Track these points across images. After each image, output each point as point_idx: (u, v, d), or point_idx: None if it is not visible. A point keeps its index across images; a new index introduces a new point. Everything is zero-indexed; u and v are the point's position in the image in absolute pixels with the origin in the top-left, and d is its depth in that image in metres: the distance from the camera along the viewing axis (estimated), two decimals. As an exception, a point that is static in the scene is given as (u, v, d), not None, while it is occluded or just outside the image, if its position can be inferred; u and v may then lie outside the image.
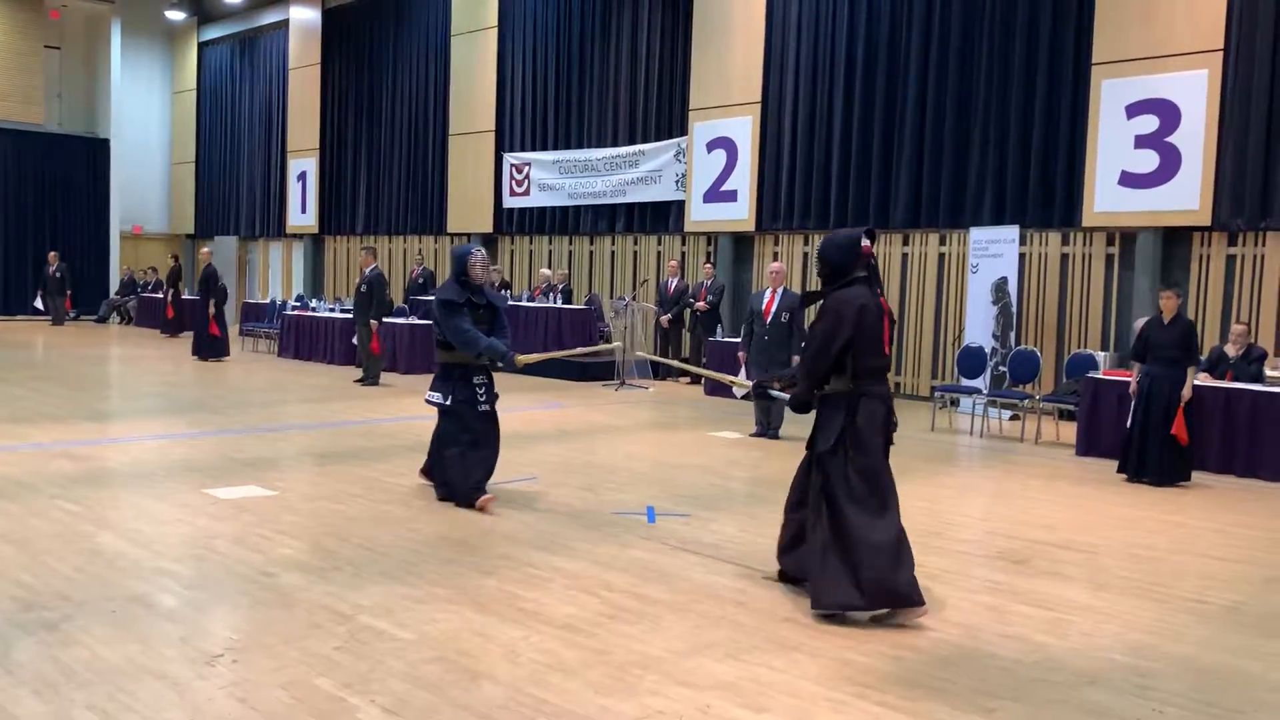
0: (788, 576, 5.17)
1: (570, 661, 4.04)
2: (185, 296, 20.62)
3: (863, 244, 4.90)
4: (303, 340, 16.97)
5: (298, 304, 19.24)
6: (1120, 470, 8.55)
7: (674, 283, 15.39)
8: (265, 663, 3.93)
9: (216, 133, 27.21)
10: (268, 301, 21.11)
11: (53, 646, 4.03)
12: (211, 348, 16.06)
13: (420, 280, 18.57)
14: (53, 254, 23.05)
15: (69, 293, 23.21)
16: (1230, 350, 9.66)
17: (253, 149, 25.97)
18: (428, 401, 6.92)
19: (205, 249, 18.13)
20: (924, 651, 4.30)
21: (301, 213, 24.03)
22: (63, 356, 16.61)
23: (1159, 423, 8.29)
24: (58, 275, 22.76)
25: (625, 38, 17.34)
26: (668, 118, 16.75)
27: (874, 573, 4.59)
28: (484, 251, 6.95)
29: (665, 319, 15.29)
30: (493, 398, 6.93)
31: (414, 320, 15.98)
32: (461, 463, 6.69)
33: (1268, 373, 9.60)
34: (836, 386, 4.88)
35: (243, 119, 26.32)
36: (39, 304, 23.16)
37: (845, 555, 4.66)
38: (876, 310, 4.83)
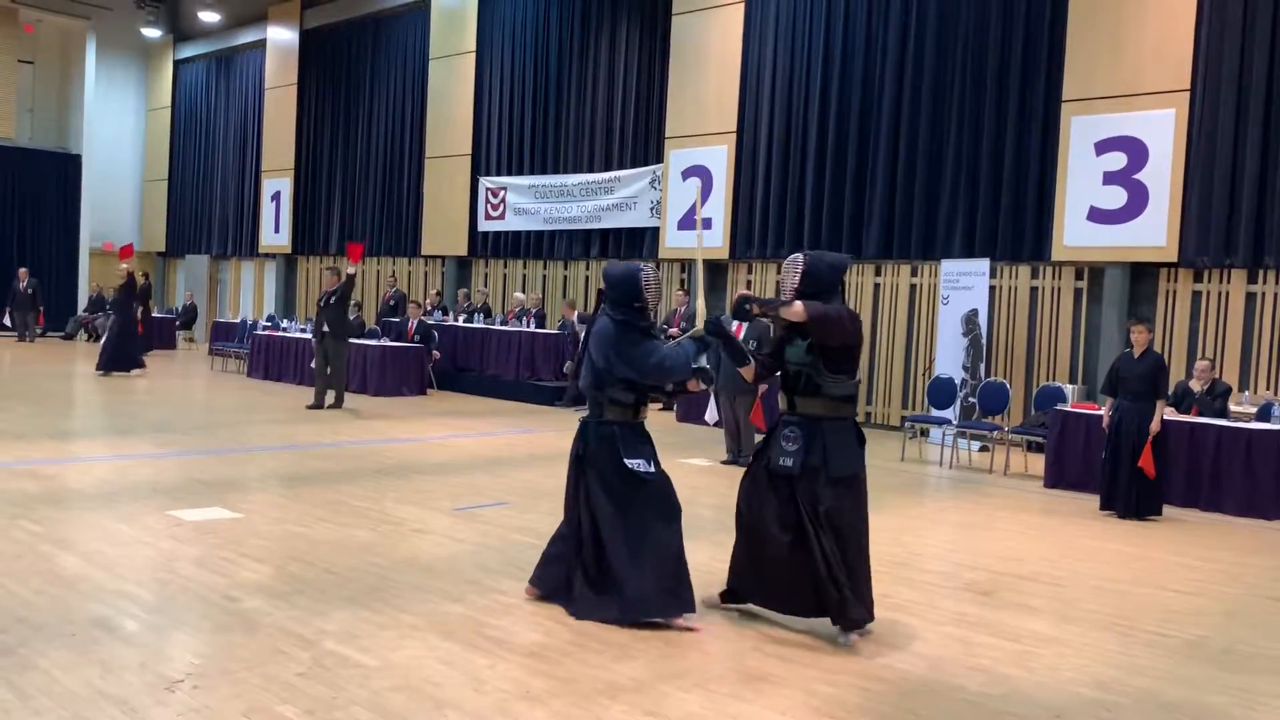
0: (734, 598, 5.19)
1: (537, 690, 4.01)
2: (154, 315, 20.52)
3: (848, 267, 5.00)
4: (272, 360, 16.84)
5: (268, 324, 19.11)
6: (1103, 507, 8.57)
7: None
8: (226, 689, 3.87)
9: (190, 151, 27.07)
10: (238, 321, 20.95)
11: (9, 671, 3.95)
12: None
13: (392, 302, 18.50)
14: (22, 270, 22.74)
15: (41, 309, 22.93)
16: (1195, 386, 9.77)
17: (226, 168, 25.84)
18: (635, 472, 4.98)
19: (122, 266, 17.48)
20: (891, 683, 4.30)
21: (275, 233, 23.91)
22: (28, 373, 16.39)
23: (1128, 456, 8.36)
24: (28, 291, 22.46)
25: (603, 65, 17.44)
26: (644, 145, 16.83)
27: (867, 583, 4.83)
28: (650, 269, 5.22)
29: None
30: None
31: (385, 342, 15.92)
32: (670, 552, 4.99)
33: (1232, 408, 9.72)
34: (844, 413, 4.95)
35: (217, 137, 26.20)
36: (7, 320, 22.83)
37: (856, 574, 4.79)
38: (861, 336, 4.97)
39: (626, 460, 4.97)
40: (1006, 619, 5.32)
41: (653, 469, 5.04)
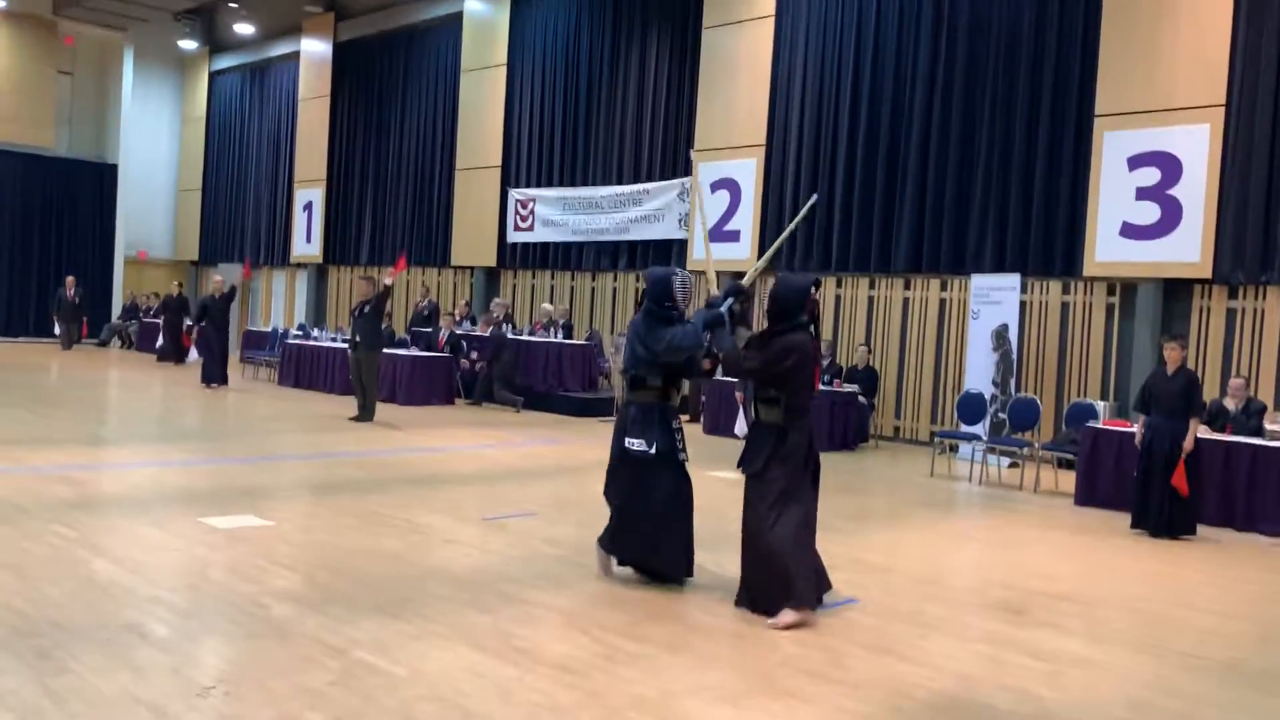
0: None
1: (564, 703, 4.01)
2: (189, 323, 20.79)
3: (811, 292, 5.45)
4: (303, 369, 16.98)
5: (299, 333, 19.27)
6: (1134, 525, 8.48)
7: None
8: (256, 696, 3.90)
9: (224, 161, 27.39)
10: (269, 330, 21.14)
11: (44, 674, 4.00)
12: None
13: (425, 313, 18.62)
14: (70, 279, 23.03)
15: (84, 318, 23.26)
16: (1229, 404, 9.66)
17: (259, 178, 26.12)
18: (630, 451, 5.77)
19: (217, 277, 17.92)
20: (921, 701, 4.27)
21: (306, 242, 24.13)
22: (64, 380, 16.62)
23: (1160, 474, 8.27)
24: (75, 300, 22.77)
25: (632, 78, 17.50)
26: (672, 158, 16.86)
27: (783, 575, 5.22)
28: (686, 275, 5.88)
29: None
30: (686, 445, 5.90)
31: (415, 351, 16.01)
32: (679, 524, 5.79)
33: (1267, 427, 9.59)
34: (769, 418, 5.48)
35: (251, 148, 26.50)
36: (56, 329, 23.16)
37: (762, 563, 5.32)
38: (808, 354, 5.43)
39: (627, 440, 5.78)
40: (1038, 638, 5.27)
41: (651, 449, 5.69)
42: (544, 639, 4.76)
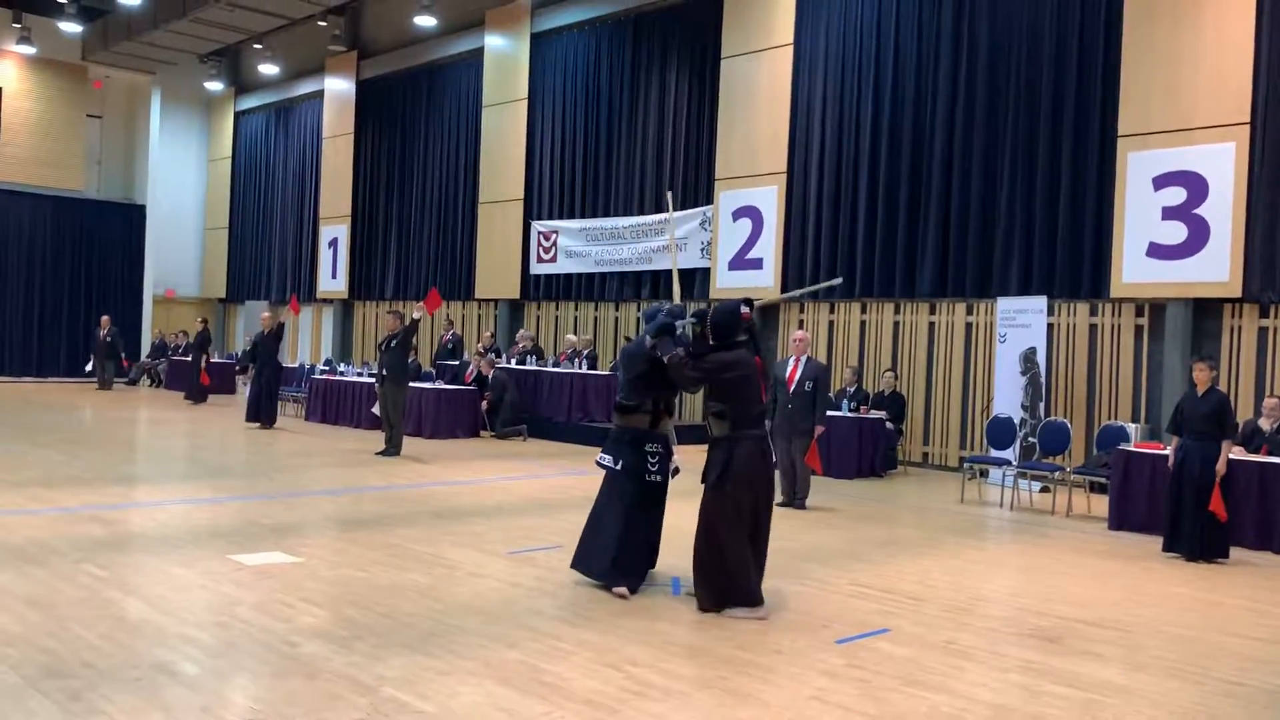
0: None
1: (594, 739, 3.97)
2: (214, 360, 20.97)
3: (742, 311, 6.04)
4: (329, 404, 17.07)
5: (325, 368, 19.39)
6: (1166, 549, 8.36)
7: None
8: (286, 735, 3.89)
9: (250, 199, 27.72)
10: (296, 365, 21.29)
11: (76, 715, 4.01)
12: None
13: (450, 345, 18.70)
14: (105, 318, 23.32)
15: (123, 355, 23.50)
16: (1264, 424, 9.52)
17: (285, 215, 26.40)
18: (599, 463, 6.54)
19: (265, 314, 17.70)
20: (956, 733, 4.20)
21: (332, 278, 24.33)
22: (93, 420, 16.78)
23: (1191, 497, 8.15)
24: (108, 340, 23.02)
25: (652, 108, 17.60)
26: (694, 187, 16.92)
27: (735, 583, 5.81)
28: (675, 306, 6.54)
29: None
30: (666, 469, 6.42)
31: (441, 385, 16.07)
32: (621, 536, 6.28)
33: (1303, 447, 9.44)
34: (719, 431, 5.97)
35: (276, 186, 26.81)
36: (90, 368, 23.42)
37: (718, 568, 5.83)
38: (750, 368, 5.98)
39: (600, 456, 6.50)
40: (1074, 666, 5.18)
41: (617, 464, 6.32)
42: (573, 674, 4.73)
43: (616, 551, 6.25)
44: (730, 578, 5.83)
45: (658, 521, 6.52)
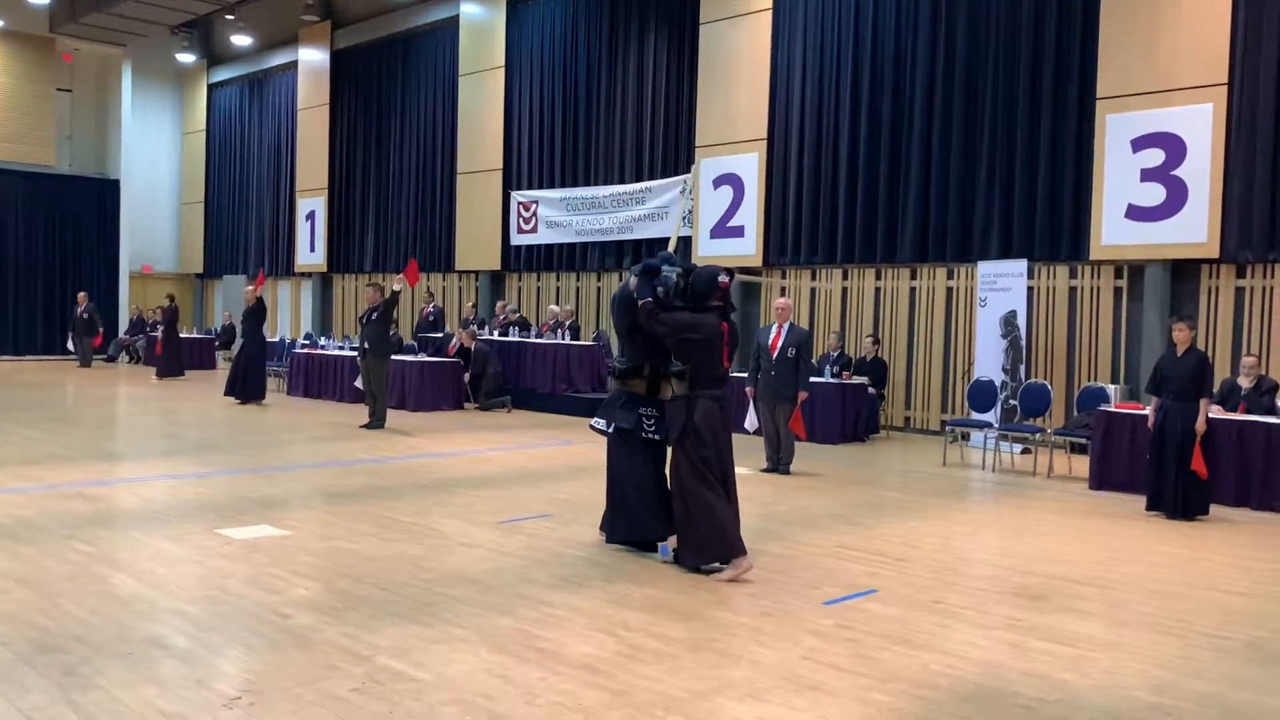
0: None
1: (590, 703, 4.01)
2: (185, 335, 20.96)
3: (720, 279, 6.22)
4: (311, 378, 17.00)
5: (306, 342, 19.29)
6: (1149, 508, 8.46)
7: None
8: (283, 705, 3.91)
9: (225, 173, 27.45)
10: (276, 340, 21.17)
11: (70, 690, 4.01)
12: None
13: (430, 318, 18.64)
14: (81, 295, 23.07)
15: (100, 331, 23.25)
16: (1242, 383, 9.63)
17: (261, 189, 26.17)
18: (591, 428, 6.78)
19: (249, 288, 17.42)
20: (946, 690, 4.26)
21: (310, 251, 24.17)
22: (74, 397, 16.66)
23: (1173, 456, 8.25)
24: (85, 316, 22.81)
25: (631, 76, 17.50)
26: (674, 154, 16.86)
27: (714, 533, 5.96)
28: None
29: None
30: (664, 431, 6.40)
31: (423, 358, 16.02)
32: (624, 496, 6.51)
33: (1280, 405, 9.57)
34: (679, 390, 6.16)
35: (251, 159, 26.55)
36: (70, 345, 23.20)
37: (694, 521, 6.00)
38: (714, 332, 6.16)
39: (592, 421, 6.73)
40: (1059, 623, 5.26)
41: (609, 428, 6.49)
42: (566, 640, 4.76)
43: (625, 510, 6.50)
44: (708, 528, 5.96)
45: (662, 480, 6.48)
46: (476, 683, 4.19)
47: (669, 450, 6.31)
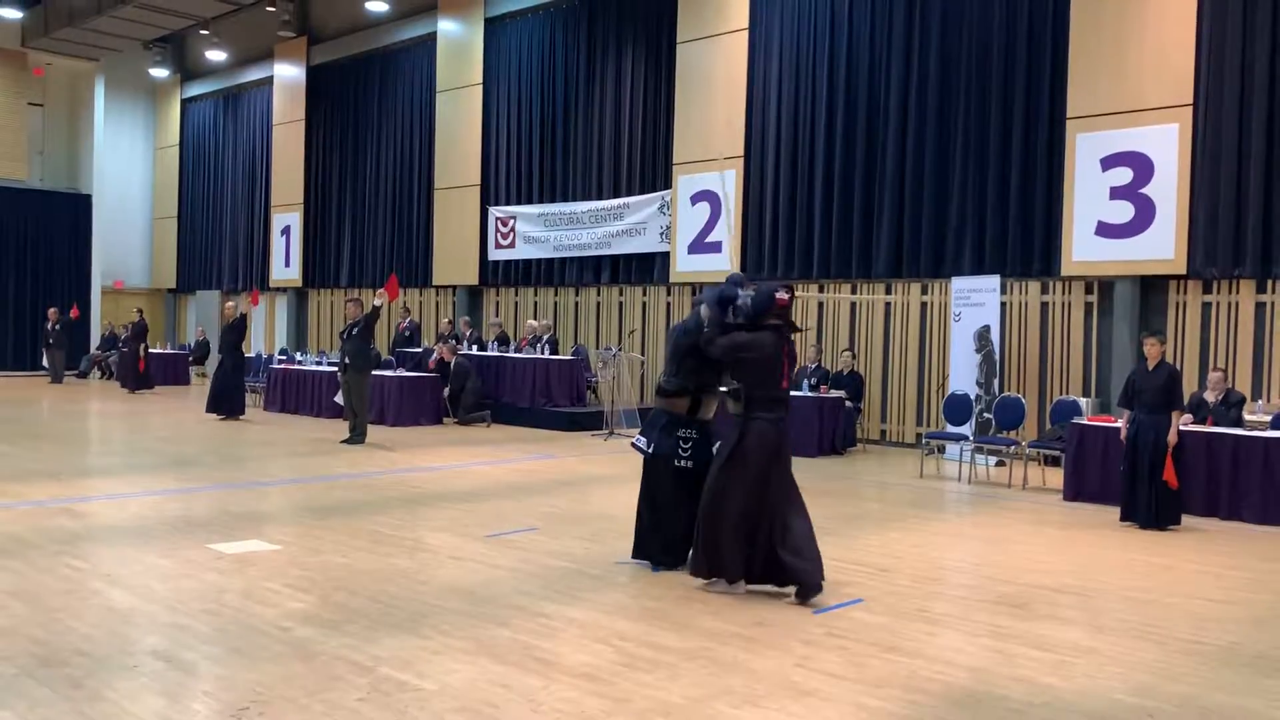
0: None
1: (592, 710, 4.11)
2: (156, 351, 20.92)
3: (778, 296, 6.03)
4: (289, 393, 16.98)
5: (282, 358, 19.25)
6: (1123, 518, 8.66)
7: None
8: (293, 715, 3.98)
9: (199, 188, 27.34)
10: (252, 355, 21.10)
11: (80, 702, 4.06)
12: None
13: (407, 333, 18.67)
14: (52, 310, 22.90)
15: (49, 338, 23.06)
16: (1209, 396, 9.88)
17: (236, 204, 26.09)
18: (633, 445, 6.68)
19: (229, 304, 17.34)
20: (936, 695, 4.40)
21: (285, 266, 24.12)
22: (50, 413, 16.55)
23: (1146, 467, 8.47)
24: (57, 329, 22.62)
25: (609, 93, 17.66)
26: (651, 171, 17.02)
27: (707, 546, 5.92)
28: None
29: None
30: (700, 456, 6.38)
31: (402, 373, 16.06)
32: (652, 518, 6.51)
33: (1247, 417, 9.82)
34: (734, 410, 6.07)
35: (226, 174, 26.46)
36: (45, 361, 23.01)
37: (710, 537, 5.91)
38: (769, 350, 5.98)
39: (635, 439, 6.63)
40: (1041, 630, 5.42)
41: (649, 449, 6.44)
42: (564, 650, 4.86)
43: (646, 532, 6.54)
44: (717, 549, 5.90)
45: (690, 509, 6.32)
46: (480, 692, 4.28)
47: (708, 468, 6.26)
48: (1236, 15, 11.34)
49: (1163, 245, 11.63)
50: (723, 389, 6.32)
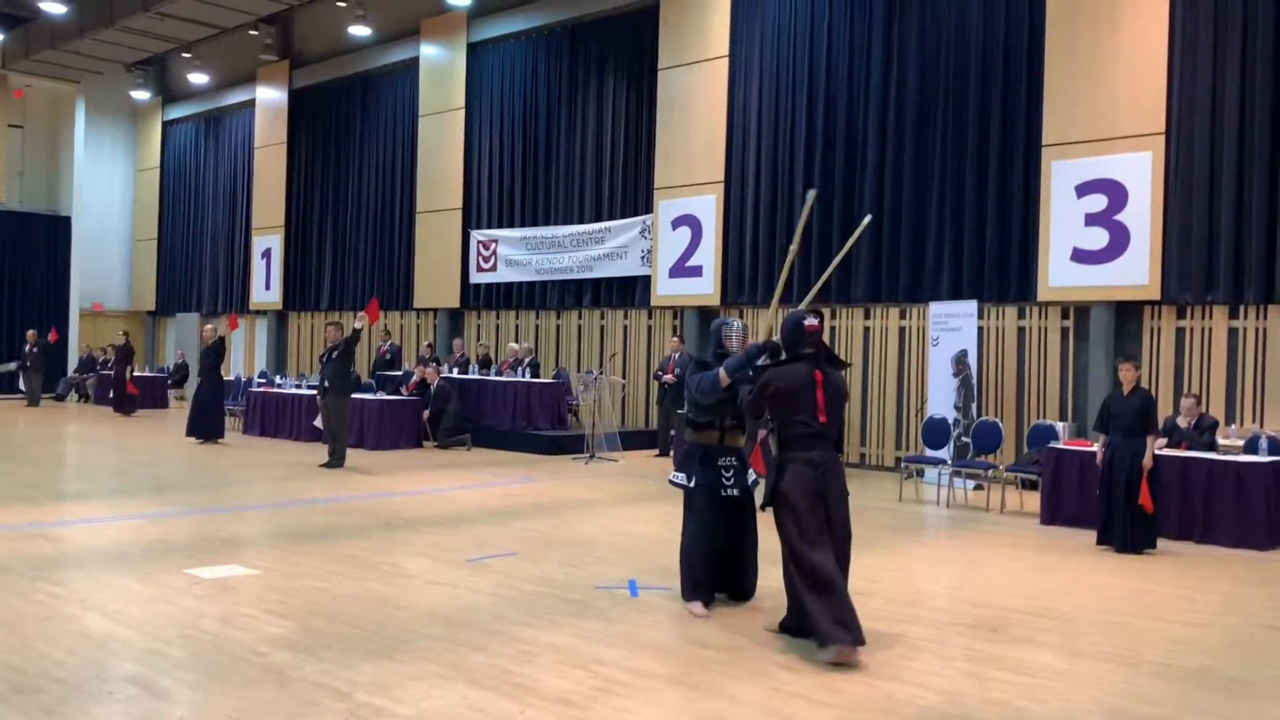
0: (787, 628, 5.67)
1: (569, 735, 4.12)
2: (139, 374, 20.76)
3: (806, 324, 5.61)
4: (268, 417, 16.91)
5: (262, 380, 19.18)
6: (1100, 542, 8.73)
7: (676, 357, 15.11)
8: (268, 741, 3.97)
9: (180, 210, 27.27)
10: (231, 378, 21.02)
11: (53, 729, 4.05)
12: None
13: (387, 356, 18.65)
14: (30, 333, 22.75)
15: (18, 361, 22.94)
16: (1182, 422, 9.99)
17: (216, 226, 26.03)
18: (670, 482, 6.53)
19: (208, 327, 17.22)
20: (912, 718, 4.42)
21: (265, 289, 24.07)
22: (26, 436, 16.42)
23: (1122, 491, 8.54)
24: (34, 351, 22.48)
25: (590, 118, 17.78)
26: (633, 195, 17.12)
27: (822, 605, 5.24)
28: (739, 324, 6.50)
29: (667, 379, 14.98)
30: (744, 483, 6.36)
31: (382, 396, 16.03)
32: (689, 552, 6.28)
33: (1219, 441, 9.94)
34: (776, 451, 5.77)
35: (206, 197, 26.42)
36: (21, 384, 22.85)
37: (792, 586, 5.49)
38: (800, 382, 5.58)
39: (672, 475, 6.54)
40: (1016, 653, 5.46)
41: (690, 483, 6.30)
42: (542, 675, 4.87)
43: (688, 568, 6.27)
44: (816, 616, 5.23)
45: (742, 535, 6.34)
46: (457, 717, 4.29)
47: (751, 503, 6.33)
48: (1207, 47, 11.55)
49: (1137, 271, 11.77)
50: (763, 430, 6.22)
